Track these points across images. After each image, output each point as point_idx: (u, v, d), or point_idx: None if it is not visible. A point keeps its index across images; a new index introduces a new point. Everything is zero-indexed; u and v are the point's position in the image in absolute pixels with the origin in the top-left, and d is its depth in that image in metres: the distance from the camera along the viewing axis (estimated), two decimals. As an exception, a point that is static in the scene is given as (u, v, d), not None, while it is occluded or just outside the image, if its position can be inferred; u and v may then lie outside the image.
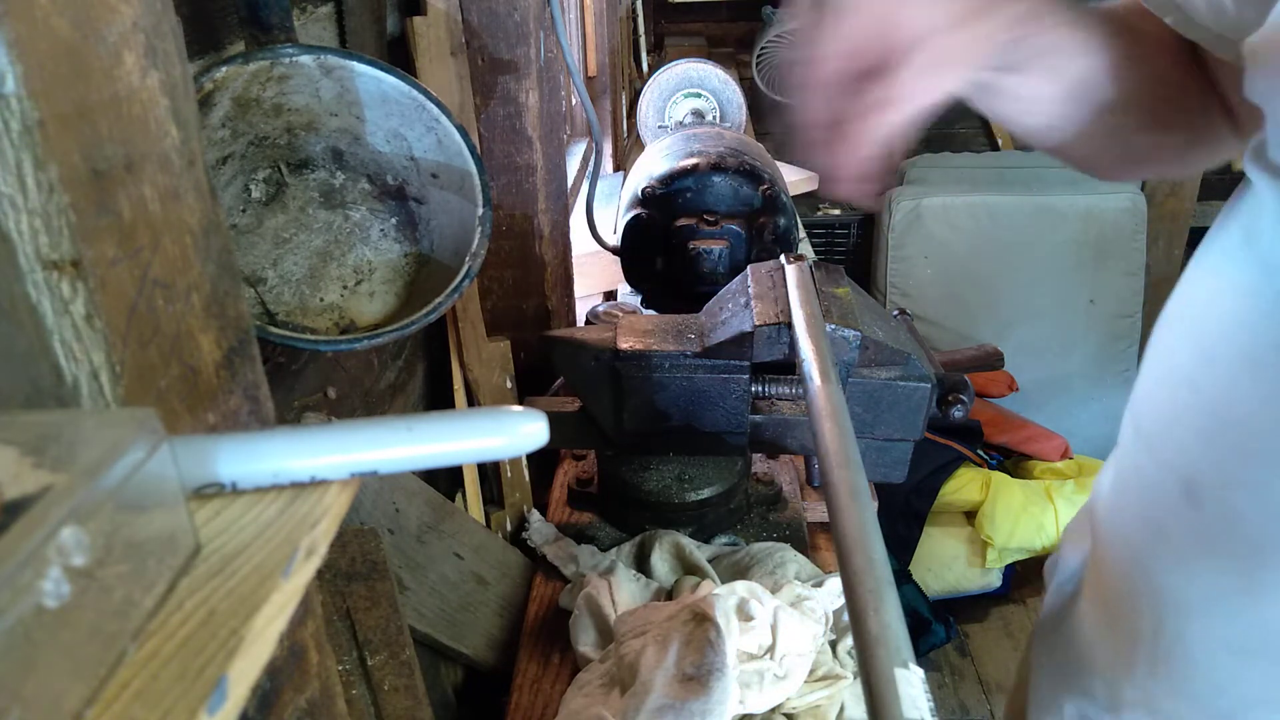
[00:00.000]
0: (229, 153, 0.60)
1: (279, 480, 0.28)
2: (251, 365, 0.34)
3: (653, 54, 3.50)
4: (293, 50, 0.57)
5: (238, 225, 0.63)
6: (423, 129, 0.64)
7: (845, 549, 0.34)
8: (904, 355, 0.76)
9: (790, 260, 0.78)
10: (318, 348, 0.59)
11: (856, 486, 0.38)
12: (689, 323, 0.84)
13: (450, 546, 0.87)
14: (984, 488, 2.28)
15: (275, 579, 0.25)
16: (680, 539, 0.89)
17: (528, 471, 1.08)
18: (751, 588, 0.76)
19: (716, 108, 1.77)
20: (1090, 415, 2.81)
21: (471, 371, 1.01)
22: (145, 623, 0.23)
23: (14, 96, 0.22)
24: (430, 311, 0.63)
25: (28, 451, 0.22)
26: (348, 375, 0.80)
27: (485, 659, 0.86)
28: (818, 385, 0.49)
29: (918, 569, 2.26)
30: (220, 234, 0.31)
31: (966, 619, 2.34)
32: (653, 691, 0.66)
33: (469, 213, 0.66)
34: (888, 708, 0.27)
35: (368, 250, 0.70)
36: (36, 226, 0.24)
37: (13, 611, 0.18)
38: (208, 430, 0.31)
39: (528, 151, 1.02)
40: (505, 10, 0.94)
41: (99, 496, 0.21)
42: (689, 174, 1.09)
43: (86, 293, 0.25)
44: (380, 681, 0.66)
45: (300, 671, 0.35)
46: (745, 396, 0.81)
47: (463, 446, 0.28)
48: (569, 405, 0.88)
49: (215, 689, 0.22)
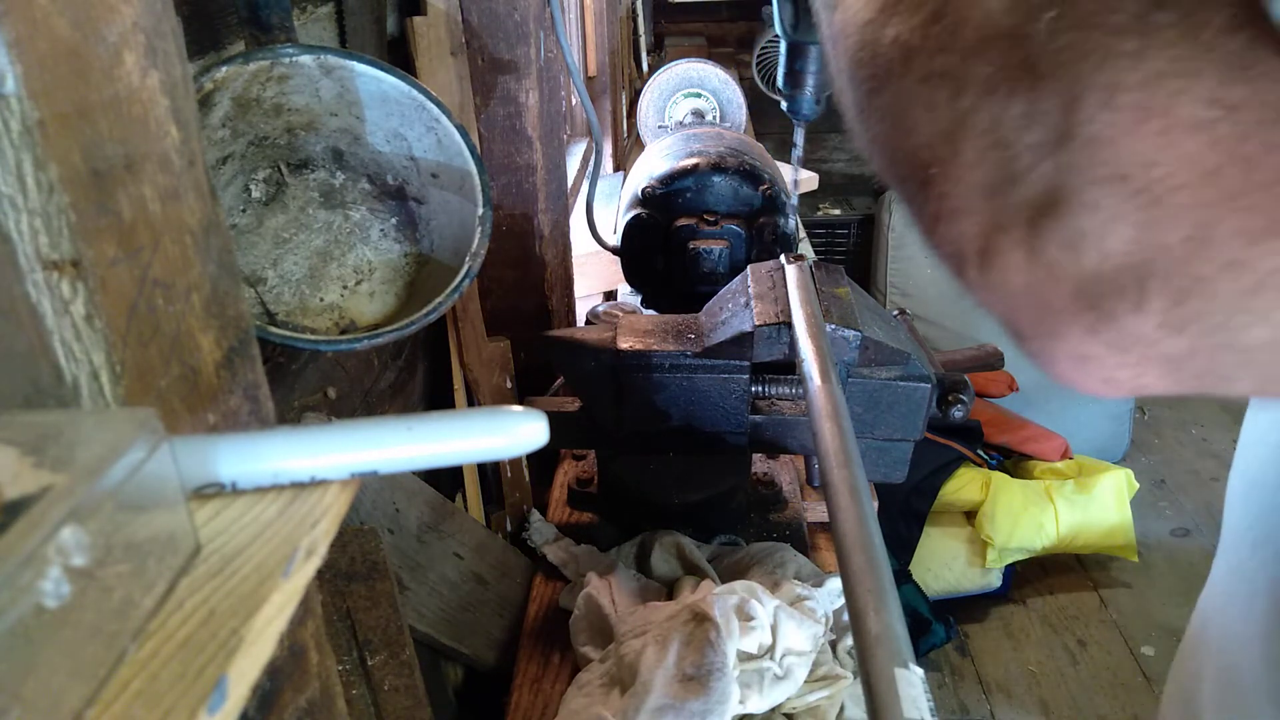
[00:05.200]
0: (229, 153, 0.60)
1: (279, 480, 0.28)
2: (251, 365, 0.34)
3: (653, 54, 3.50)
4: (293, 50, 0.56)
5: (238, 225, 0.63)
6: (423, 129, 0.64)
7: (845, 549, 0.34)
8: (904, 355, 0.76)
9: (790, 260, 0.78)
10: (318, 348, 0.59)
11: (856, 486, 0.38)
12: (689, 323, 0.84)
13: (450, 546, 0.87)
14: (984, 488, 2.28)
15: (275, 579, 0.25)
16: (680, 539, 0.89)
17: (528, 471, 1.08)
18: (751, 588, 0.76)
19: (716, 108, 1.77)
20: (1090, 415, 2.81)
21: (471, 371, 1.01)
22: (145, 623, 0.23)
23: (14, 96, 0.22)
24: (430, 311, 0.63)
25: (28, 451, 0.22)
26: (348, 375, 0.80)
27: (485, 659, 0.86)
28: (818, 385, 0.49)
29: (918, 569, 2.27)
30: (220, 234, 0.31)
31: (966, 619, 2.34)
32: (653, 691, 0.66)
33: (469, 213, 0.66)
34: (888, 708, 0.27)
35: (368, 250, 0.70)
36: (36, 226, 0.24)
37: (13, 611, 0.18)
38: (208, 430, 0.31)
39: (528, 151, 1.02)
40: (505, 10, 0.94)
41: (99, 496, 0.21)
42: (689, 174, 1.09)
43: (86, 293, 0.25)
44: (380, 681, 0.66)
45: (300, 671, 0.35)
46: (745, 396, 0.81)
47: (463, 446, 0.28)
48: (569, 405, 0.88)
49: (215, 689, 0.22)
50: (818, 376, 0.50)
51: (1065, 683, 2.16)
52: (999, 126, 0.30)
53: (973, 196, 0.31)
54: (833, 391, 0.48)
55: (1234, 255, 0.26)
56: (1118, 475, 2.31)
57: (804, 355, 0.56)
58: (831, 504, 0.37)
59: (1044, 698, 2.12)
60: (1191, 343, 0.28)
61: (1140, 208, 0.27)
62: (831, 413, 0.45)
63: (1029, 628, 2.33)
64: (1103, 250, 0.28)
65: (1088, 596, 2.42)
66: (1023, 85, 0.29)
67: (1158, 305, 0.28)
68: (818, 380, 0.50)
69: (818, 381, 0.50)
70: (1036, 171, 0.29)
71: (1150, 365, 0.29)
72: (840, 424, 0.44)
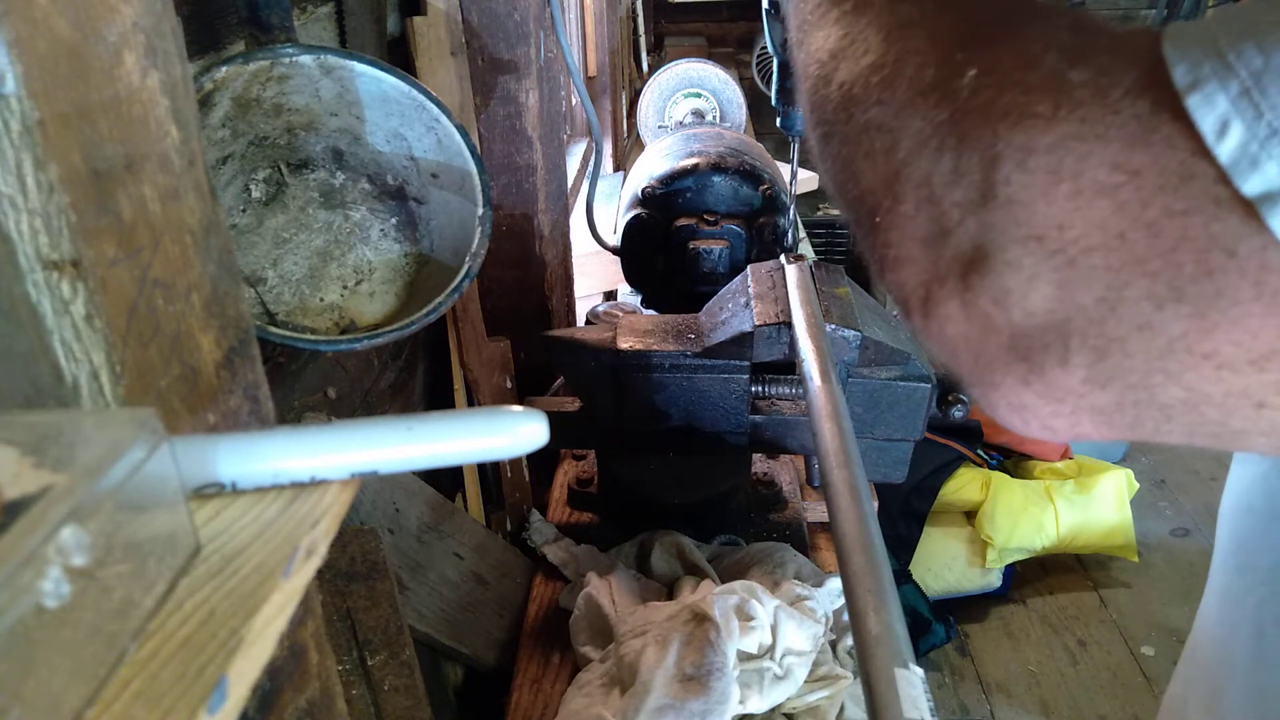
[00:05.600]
0: (229, 153, 0.60)
1: (279, 480, 0.28)
2: (251, 365, 0.34)
3: (653, 54, 3.50)
4: (293, 50, 0.56)
5: (238, 225, 0.63)
6: (423, 129, 0.64)
7: (845, 549, 0.34)
8: (904, 355, 0.76)
9: (790, 260, 0.78)
10: (318, 348, 0.59)
11: (856, 486, 0.38)
12: (689, 323, 0.84)
13: (450, 546, 0.87)
14: (984, 488, 2.28)
15: (275, 579, 0.25)
16: (680, 539, 0.89)
17: (528, 471, 1.08)
18: (751, 588, 0.76)
19: (716, 108, 1.77)
20: (1090, 415, 2.80)
21: (471, 371, 1.01)
22: (145, 623, 0.23)
23: (14, 96, 0.22)
24: (430, 311, 0.63)
25: (28, 451, 0.22)
26: (348, 375, 0.80)
27: (485, 659, 0.86)
28: (818, 385, 0.49)
29: (918, 569, 2.26)
30: (220, 234, 0.31)
31: (966, 619, 2.34)
32: (653, 691, 0.66)
33: (469, 213, 0.66)
34: (888, 708, 0.27)
35: (368, 250, 0.70)
36: (36, 226, 0.24)
37: (13, 611, 0.18)
38: (208, 430, 0.31)
39: (528, 151, 1.02)
40: (505, 10, 0.94)
41: (99, 496, 0.21)
42: (689, 174, 1.09)
43: (86, 293, 0.25)
44: (380, 681, 0.66)
45: (300, 671, 0.35)
46: (745, 396, 0.81)
47: (463, 446, 0.28)
48: (569, 405, 0.88)
49: (215, 689, 0.22)
50: (818, 376, 0.50)
51: (1065, 683, 2.16)
52: (930, 181, 0.31)
53: (913, 246, 0.32)
54: (833, 391, 0.48)
55: (1144, 318, 0.27)
56: (1118, 475, 2.31)
57: (804, 355, 0.56)
58: (831, 504, 0.37)
59: (1044, 698, 2.12)
60: (1116, 397, 0.28)
61: (1056, 268, 0.28)
62: (831, 413, 0.45)
63: (1029, 628, 2.33)
64: (1025, 308, 0.29)
65: (1088, 596, 2.42)
66: (950, 141, 0.30)
67: (1080, 361, 0.28)
68: (818, 380, 0.50)
69: (818, 381, 0.50)
70: (963, 227, 0.30)
71: (1083, 415, 0.30)
72: (840, 424, 0.44)
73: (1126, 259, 0.26)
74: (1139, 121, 0.26)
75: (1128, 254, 0.26)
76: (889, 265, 0.34)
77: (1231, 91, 0.24)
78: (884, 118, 0.33)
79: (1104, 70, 0.28)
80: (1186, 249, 0.25)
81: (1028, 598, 2.41)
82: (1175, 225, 0.25)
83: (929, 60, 0.32)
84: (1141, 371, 0.27)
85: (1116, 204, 0.26)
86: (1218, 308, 0.25)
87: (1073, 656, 2.23)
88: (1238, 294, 0.25)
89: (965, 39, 0.32)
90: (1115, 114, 0.27)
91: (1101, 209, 0.27)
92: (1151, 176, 0.26)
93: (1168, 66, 0.26)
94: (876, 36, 0.35)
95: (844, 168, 0.36)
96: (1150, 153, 0.26)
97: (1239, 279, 0.25)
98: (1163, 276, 0.26)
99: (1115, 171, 0.26)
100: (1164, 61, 0.26)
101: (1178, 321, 0.26)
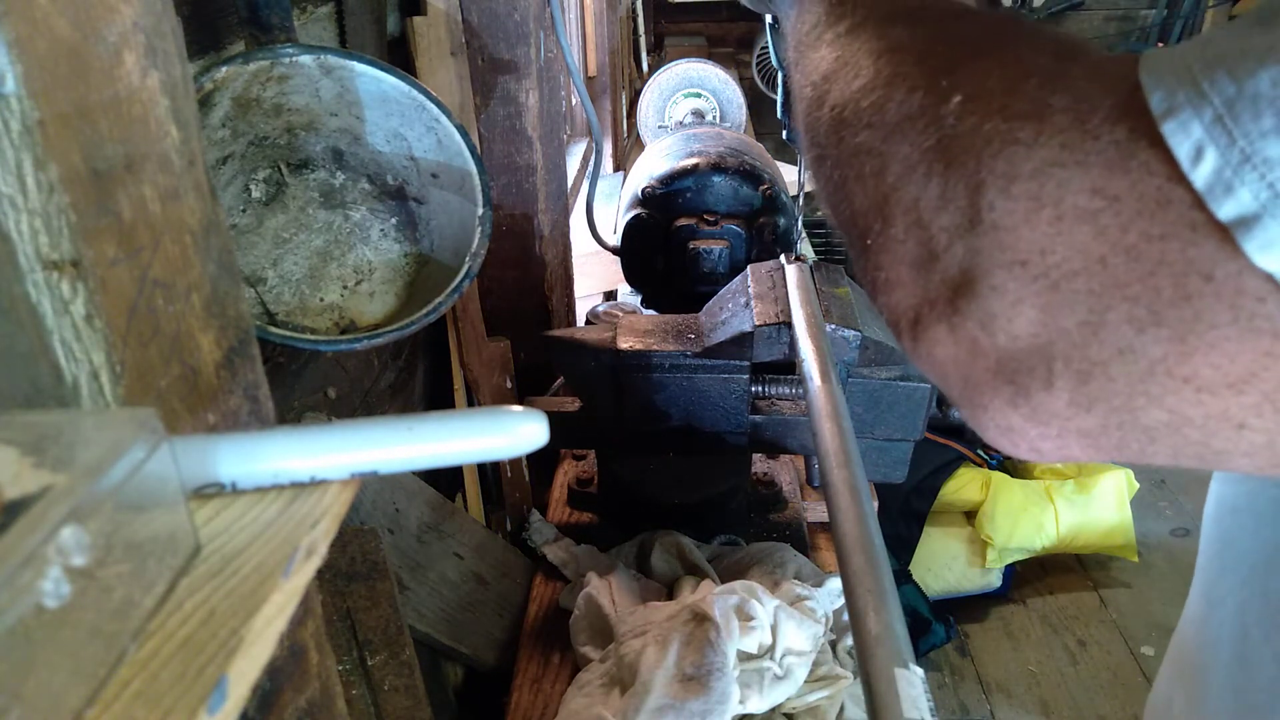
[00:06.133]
0: (229, 153, 0.60)
1: (279, 480, 0.28)
2: (251, 365, 0.34)
3: (653, 54, 3.50)
4: (293, 50, 0.56)
5: (238, 225, 0.63)
6: (423, 129, 0.64)
7: (845, 549, 0.34)
8: (904, 355, 0.76)
9: (790, 260, 0.78)
10: (318, 348, 0.59)
11: (856, 486, 0.38)
12: (689, 323, 0.84)
13: (450, 546, 0.87)
14: (984, 488, 2.28)
15: (275, 579, 0.25)
16: (680, 539, 0.89)
17: (528, 471, 1.08)
18: (751, 588, 0.76)
19: (716, 108, 1.78)
20: (1090, 415, 2.81)
21: (471, 371, 1.01)
22: (145, 623, 0.23)
23: (14, 96, 0.22)
24: (430, 311, 0.63)
25: (28, 451, 0.22)
26: (348, 375, 0.80)
27: (485, 659, 0.86)
28: (818, 385, 0.49)
29: (918, 569, 2.26)
30: (220, 234, 0.31)
31: (966, 619, 2.34)
32: (653, 691, 0.66)
33: (469, 213, 0.66)
34: (888, 708, 0.27)
35: (368, 250, 0.70)
36: (36, 226, 0.24)
37: (13, 611, 0.18)
38: (208, 430, 0.31)
39: (528, 151, 1.02)
40: (505, 10, 0.94)
41: (99, 496, 0.21)
42: (689, 174, 1.09)
43: (86, 293, 0.25)
44: (380, 681, 0.66)
45: (300, 671, 0.35)
46: (745, 396, 0.81)
47: (463, 446, 0.28)
48: (569, 405, 0.89)
49: (215, 689, 0.22)
50: (818, 376, 0.50)
51: (1065, 683, 2.16)
52: (918, 206, 0.31)
53: (902, 270, 0.32)
54: (833, 391, 0.48)
55: (1125, 342, 0.27)
56: (1118, 475, 2.31)
57: (804, 355, 0.56)
58: (831, 504, 0.37)
59: (1044, 698, 2.12)
60: (1101, 420, 0.29)
61: (1039, 293, 0.28)
62: (831, 413, 0.45)
63: (1029, 628, 2.33)
64: (1010, 331, 0.29)
65: (1087, 596, 2.42)
66: (937, 167, 0.31)
67: (1064, 385, 0.28)
68: (818, 380, 0.50)
69: (818, 381, 0.50)
70: (950, 252, 0.30)
71: (1070, 438, 0.30)
72: (840, 424, 0.44)
73: (1107, 283, 0.27)
74: (1117, 148, 0.26)
75: (1108, 278, 0.27)
76: (880, 288, 0.34)
77: (1205, 118, 0.25)
78: (873, 142, 0.33)
79: (1083, 96, 0.28)
80: (1165, 273, 0.26)
81: (1028, 598, 2.41)
82: (1153, 250, 0.26)
83: (917, 85, 0.33)
84: (1124, 395, 0.28)
85: (1097, 229, 0.27)
86: (1195, 331, 0.26)
87: (1073, 656, 2.23)
88: (1215, 318, 0.25)
89: (952, 64, 0.32)
90: (1095, 139, 0.27)
91: (1082, 234, 0.27)
92: (1130, 202, 0.26)
93: (1145, 93, 0.26)
94: (868, 60, 0.36)
95: (836, 189, 0.36)
96: (1128, 179, 0.26)
97: (1215, 303, 0.25)
98: (1142, 300, 0.26)
99: (1095, 197, 0.27)
100: (1141, 88, 0.26)
101: (1158, 345, 0.26)
